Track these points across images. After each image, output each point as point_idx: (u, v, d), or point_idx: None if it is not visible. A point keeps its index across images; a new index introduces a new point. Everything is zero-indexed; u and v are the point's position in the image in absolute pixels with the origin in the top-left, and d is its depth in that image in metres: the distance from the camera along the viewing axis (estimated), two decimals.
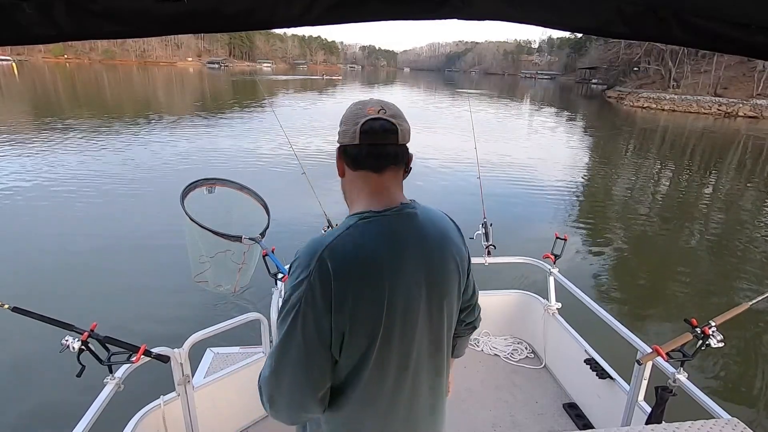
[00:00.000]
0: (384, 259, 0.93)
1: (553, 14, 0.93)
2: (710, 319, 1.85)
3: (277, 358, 0.95)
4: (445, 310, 1.04)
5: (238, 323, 2.24)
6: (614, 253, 7.51)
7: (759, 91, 39.68)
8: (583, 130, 26.26)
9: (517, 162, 13.87)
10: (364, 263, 0.92)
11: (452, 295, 1.06)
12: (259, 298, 4.69)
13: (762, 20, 0.85)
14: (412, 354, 1.00)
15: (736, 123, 32.90)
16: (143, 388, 2.24)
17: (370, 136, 0.97)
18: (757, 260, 7.38)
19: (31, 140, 13.75)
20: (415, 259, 0.97)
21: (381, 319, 0.92)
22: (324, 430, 1.04)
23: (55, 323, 1.68)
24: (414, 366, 1.02)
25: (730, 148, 21.03)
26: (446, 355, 1.10)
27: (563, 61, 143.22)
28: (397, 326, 0.95)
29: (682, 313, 5.21)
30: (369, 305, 0.91)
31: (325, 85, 58.70)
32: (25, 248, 6.41)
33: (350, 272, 0.90)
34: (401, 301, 0.95)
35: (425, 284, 0.99)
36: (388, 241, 0.95)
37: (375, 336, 0.93)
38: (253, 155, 13.04)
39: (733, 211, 10.42)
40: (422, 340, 1.01)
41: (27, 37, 0.81)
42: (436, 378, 1.09)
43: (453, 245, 1.06)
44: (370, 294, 0.91)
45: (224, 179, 2.57)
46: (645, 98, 44.27)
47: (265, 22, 0.86)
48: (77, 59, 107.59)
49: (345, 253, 0.91)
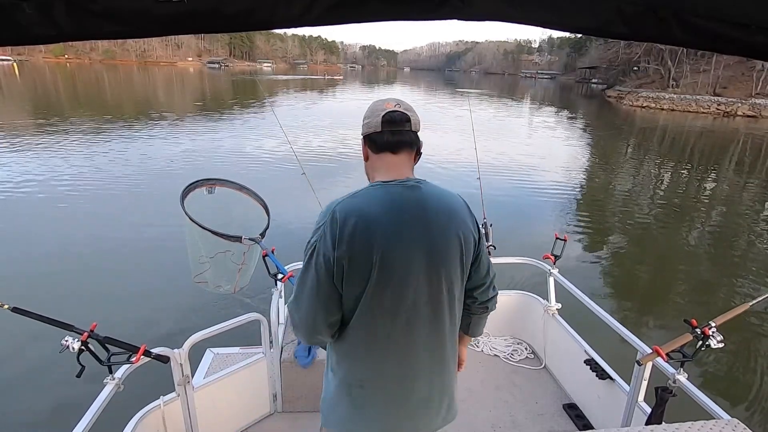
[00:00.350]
0: (380, 216, 1.15)
1: (553, 14, 0.93)
2: (710, 320, 1.84)
3: (298, 285, 1.21)
4: (443, 275, 1.21)
5: (238, 323, 2.24)
6: (614, 254, 7.51)
7: (758, 90, 39.61)
8: (582, 129, 26.26)
9: (517, 162, 13.88)
10: (362, 216, 1.14)
11: (453, 264, 1.22)
12: (259, 299, 4.68)
13: (762, 20, 0.84)
14: (404, 305, 1.18)
15: (734, 122, 32.91)
16: (143, 389, 2.23)
17: (389, 124, 1.23)
18: (759, 260, 7.38)
19: (32, 140, 13.75)
20: (413, 224, 1.17)
21: (371, 263, 1.13)
22: (332, 360, 1.29)
23: (55, 323, 1.68)
24: (406, 317, 1.19)
25: (730, 147, 21.06)
26: (447, 320, 1.26)
27: (563, 60, 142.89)
28: (393, 278, 1.15)
29: (682, 313, 5.21)
30: (362, 248, 1.12)
31: (326, 84, 58.71)
32: (25, 248, 6.41)
33: (351, 221, 1.13)
34: (397, 257, 1.15)
35: (425, 249, 1.17)
36: (387, 204, 1.17)
37: (368, 278, 1.14)
38: (254, 155, 13.04)
39: (733, 211, 10.42)
40: (418, 299, 1.19)
41: (27, 37, 0.81)
42: (436, 339, 1.25)
43: (458, 220, 1.24)
44: (364, 240, 1.12)
45: (224, 179, 2.57)
46: (644, 98, 44.34)
47: (265, 22, 0.86)
48: (78, 59, 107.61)
49: (350, 207, 1.15)
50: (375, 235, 1.13)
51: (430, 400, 1.29)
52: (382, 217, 1.15)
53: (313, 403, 2.65)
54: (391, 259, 1.14)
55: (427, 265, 1.18)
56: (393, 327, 1.19)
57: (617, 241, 8.09)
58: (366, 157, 1.31)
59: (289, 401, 2.65)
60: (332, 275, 1.15)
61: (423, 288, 1.19)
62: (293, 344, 2.65)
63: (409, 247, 1.16)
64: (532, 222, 8.62)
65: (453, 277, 1.23)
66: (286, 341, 2.69)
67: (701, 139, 24.14)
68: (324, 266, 1.14)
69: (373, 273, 1.13)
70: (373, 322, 1.18)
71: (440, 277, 1.20)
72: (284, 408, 2.66)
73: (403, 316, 1.19)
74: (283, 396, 2.63)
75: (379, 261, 1.13)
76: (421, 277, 1.18)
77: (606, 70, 75.46)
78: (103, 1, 0.79)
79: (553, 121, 28.92)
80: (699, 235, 8.84)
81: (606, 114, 37.33)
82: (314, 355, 2.56)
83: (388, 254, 1.13)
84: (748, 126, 30.18)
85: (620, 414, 2.24)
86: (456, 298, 1.26)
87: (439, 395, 1.30)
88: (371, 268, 1.13)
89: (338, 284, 1.16)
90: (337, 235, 1.13)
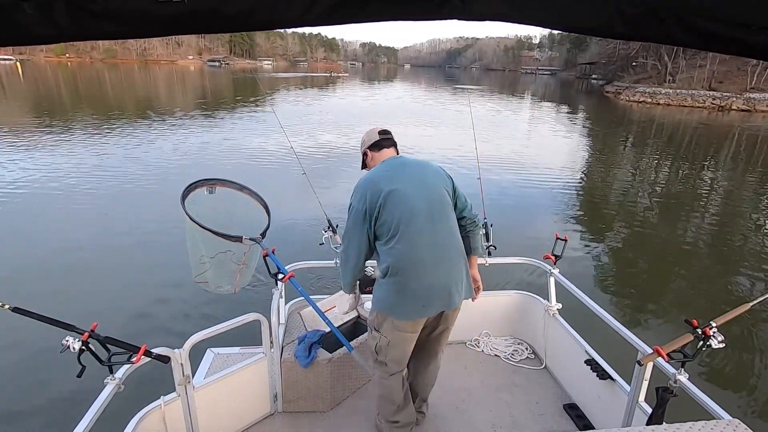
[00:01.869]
0: (387, 176, 2.02)
1: (553, 15, 0.93)
2: (711, 320, 1.84)
3: (345, 239, 2.10)
4: (435, 199, 2.03)
5: (238, 324, 2.24)
6: (615, 254, 7.50)
7: (753, 85, 39.60)
8: (581, 125, 26.32)
9: (516, 160, 13.85)
10: (377, 179, 2.02)
11: (442, 194, 2.07)
12: (260, 299, 4.68)
13: (762, 20, 0.84)
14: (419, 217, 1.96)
15: (729, 116, 32.94)
16: (143, 389, 2.24)
17: (383, 134, 2.22)
18: (760, 260, 7.37)
19: (34, 139, 13.76)
20: (410, 175, 2.04)
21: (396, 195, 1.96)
22: (380, 271, 2.04)
23: (56, 323, 1.68)
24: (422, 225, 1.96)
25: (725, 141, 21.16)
26: (447, 224, 2.05)
27: (564, 56, 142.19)
28: (407, 202, 1.95)
29: (683, 313, 5.21)
30: (388, 188, 1.96)
31: (327, 82, 58.62)
32: (26, 248, 6.42)
33: (371, 182, 2.01)
34: (403, 195, 1.95)
35: (422, 189, 2.02)
36: (391, 169, 2.07)
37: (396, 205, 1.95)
38: (254, 155, 13.03)
39: (734, 209, 10.40)
40: (426, 213, 1.98)
41: (27, 37, 0.81)
42: (442, 239, 2.02)
43: (432, 169, 2.13)
44: (378, 191, 1.96)
45: (225, 179, 2.57)
46: (641, 93, 44.47)
47: (266, 22, 0.86)
48: (79, 58, 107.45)
49: (371, 175, 2.06)
50: (385, 189, 1.95)
51: (450, 281, 2.01)
52: (389, 177, 2.01)
53: (314, 403, 2.65)
54: (399, 197, 1.95)
55: (427, 198, 2.00)
56: (416, 232, 1.94)
57: (618, 241, 8.07)
58: (366, 165, 2.25)
59: (289, 401, 2.65)
60: (372, 218, 1.96)
61: (425, 205, 1.98)
62: (293, 344, 2.65)
63: (411, 189, 1.98)
64: (532, 222, 8.61)
65: (444, 202, 2.06)
66: (287, 341, 2.69)
67: (697, 133, 24.29)
68: (367, 212, 1.96)
69: (397, 202, 1.94)
70: (406, 230, 1.93)
71: (432, 200, 2.01)
72: (285, 408, 2.66)
73: (420, 223, 1.95)
74: (284, 396, 2.63)
75: (396, 194, 1.94)
76: (423, 199, 1.98)
77: (605, 65, 75.47)
78: (103, 2, 0.79)
79: (550, 117, 28.96)
80: (700, 234, 8.82)
81: (603, 109, 37.34)
82: (314, 355, 2.56)
83: (397, 196, 1.95)
84: (743, 120, 30.34)
85: (621, 414, 2.24)
86: (449, 215, 2.07)
87: (456, 278, 2.04)
88: (396, 198, 1.94)
89: (371, 232, 2.00)
90: (368, 195, 1.96)
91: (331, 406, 2.69)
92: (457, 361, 3.18)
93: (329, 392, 2.65)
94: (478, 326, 3.40)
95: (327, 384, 2.62)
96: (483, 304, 3.34)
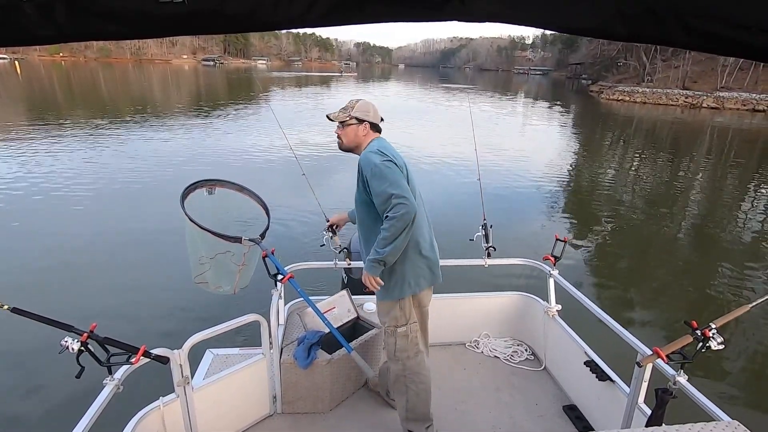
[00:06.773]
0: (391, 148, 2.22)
1: (553, 16, 0.93)
2: (710, 321, 1.84)
3: (395, 189, 1.98)
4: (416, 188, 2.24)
5: (237, 324, 2.23)
6: (614, 255, 7.53)
7: (722, 84, 43.25)
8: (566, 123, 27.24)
9: (511, 161, 13.86)
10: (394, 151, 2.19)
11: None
12: (259, 300, 4.67)
13: (763, 22, 0.84)
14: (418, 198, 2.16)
15: (700, 113, 35.19)
16: (142, 390, 2.23)
17: (381, 120, 2.32)
18: (761, 260, 7.40)
19: (31, 139, 13.68)
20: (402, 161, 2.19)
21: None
22: None
23: (55, 324, 1.67)
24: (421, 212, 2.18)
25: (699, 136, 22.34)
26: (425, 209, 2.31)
27: (556, 56, 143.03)
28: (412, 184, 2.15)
29: (682, 314, 5.23)
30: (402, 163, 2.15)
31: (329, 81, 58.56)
32: (25, 248, 6.38)
33: (391, 152, 2.16)
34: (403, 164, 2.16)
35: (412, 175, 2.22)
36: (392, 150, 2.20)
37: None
38: (253, 155, 13.01)
39: (734, 207, 10.45)
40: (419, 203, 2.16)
41: (27, 37, 0.81)
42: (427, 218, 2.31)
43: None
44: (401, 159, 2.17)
45: (224, 180, 2.55)
46: (620, 92, 47.89)
47: (266, 22, 0.86)
48: (73, 57, 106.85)
49: (387, 145, 2.22)
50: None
51: (437, 258, 2.28)
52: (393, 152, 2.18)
53: (313, 404, 2.65)
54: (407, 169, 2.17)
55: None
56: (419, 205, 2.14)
57: (618, 242, 8.10)
58: (362, 132, 2.25)
59: (288, 402, 2.64)
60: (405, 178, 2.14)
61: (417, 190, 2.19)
62: (293, 345, 2.65)
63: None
64: (531, 223, 8.62)
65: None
66: (286, 342, 2.69)
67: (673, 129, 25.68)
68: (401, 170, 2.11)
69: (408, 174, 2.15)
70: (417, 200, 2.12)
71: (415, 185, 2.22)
72: (284, 409, 2.65)
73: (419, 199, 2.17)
74: (283, 397, 2.62)
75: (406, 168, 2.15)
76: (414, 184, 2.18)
77: (591, 65, 76.68)
78: (103, 2, 0.78)
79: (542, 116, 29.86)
80: (700, 234, 8.87)
81: (586, 107, 39.29)
82: (314, 356, 2.55)
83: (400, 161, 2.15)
84: (714, 116, 32.59)
85: (620, 415, 2.24)
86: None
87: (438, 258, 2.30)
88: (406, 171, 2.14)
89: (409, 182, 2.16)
90: (398, 156, 2.16)
91: (330, 407, 2.69)
92: (457, 362, 3.18)
93: (328, 393, 2.64)
94: (477, 327, 3.40)
95: (326, 385, 2.61)
96: (483, 305, 3.34)
